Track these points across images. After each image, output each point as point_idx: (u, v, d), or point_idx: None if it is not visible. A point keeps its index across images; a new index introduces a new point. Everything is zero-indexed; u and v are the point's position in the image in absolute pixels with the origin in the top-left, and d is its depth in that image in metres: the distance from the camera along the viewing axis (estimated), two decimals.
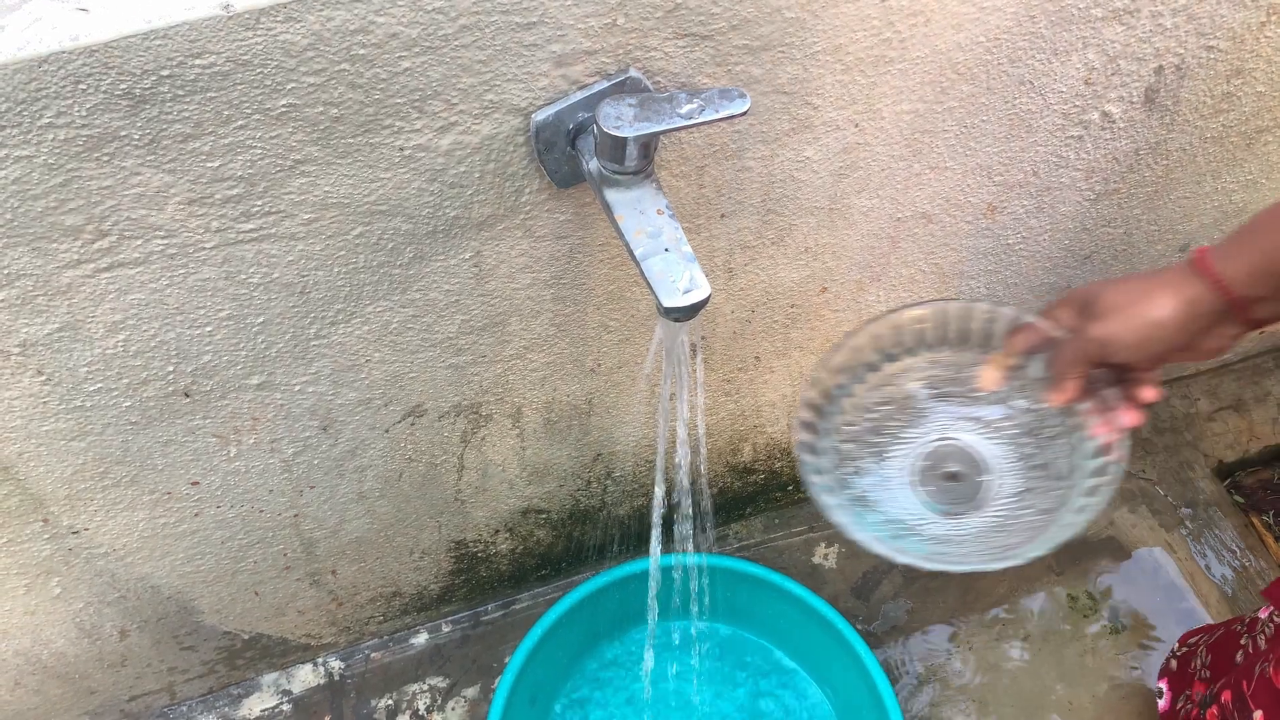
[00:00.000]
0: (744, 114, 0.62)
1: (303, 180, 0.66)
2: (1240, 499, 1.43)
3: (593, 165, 0.66)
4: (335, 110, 0.62)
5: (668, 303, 0.60)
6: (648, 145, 0.62)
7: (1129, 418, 0.69)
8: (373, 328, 0.79)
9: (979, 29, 0.76)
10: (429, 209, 0.71)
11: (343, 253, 0.72)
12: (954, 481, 0.75)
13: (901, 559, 0.64)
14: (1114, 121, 0.91)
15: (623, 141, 0.61)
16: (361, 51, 0.59)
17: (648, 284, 0.61)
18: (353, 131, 0.64)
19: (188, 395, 0.78)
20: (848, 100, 0.77)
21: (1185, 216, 1.10)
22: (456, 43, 0.61)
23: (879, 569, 1.32)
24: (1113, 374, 0.70)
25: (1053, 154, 0.92)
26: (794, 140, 0.79)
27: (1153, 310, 0.64)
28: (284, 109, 0.60)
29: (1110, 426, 0.69)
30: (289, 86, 0.59)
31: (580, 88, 0.67)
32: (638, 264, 0.62)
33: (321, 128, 0.63)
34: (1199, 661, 1.01)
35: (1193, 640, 1.09)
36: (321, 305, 0.75)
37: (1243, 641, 0.92)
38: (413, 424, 0.91)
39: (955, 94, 0.81)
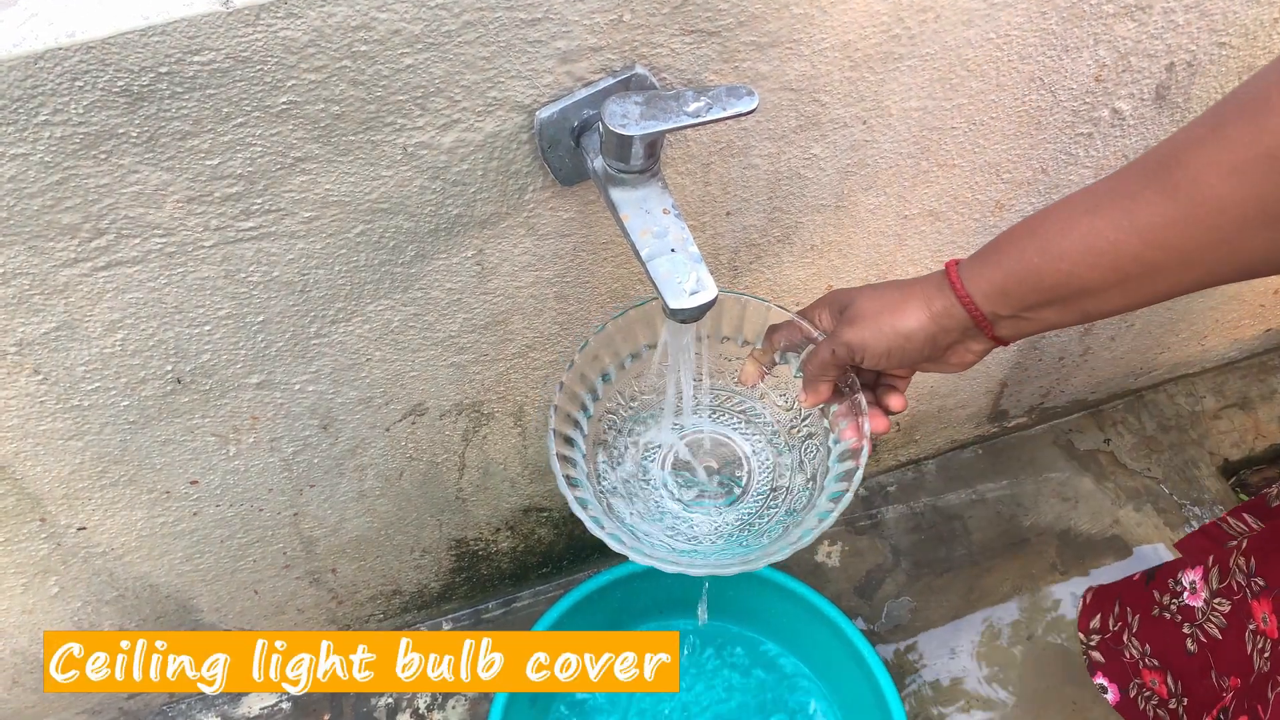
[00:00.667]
0: (751, 112, 0.61)
1: (303, 178, 0.65)
2: (1246, 497, 1.42)
3: (598, 163, 0.65)
4: (336, 107, 0.61)
5: (674, 304, 0.59)
6: (654, 144, 0.61)
7: (876, 424, 0.68)
8: (374, 326, 0.78)
9: (989, 25, 0.75)
10: (431, 207, 0.70)
11: (344, 251, 0.71)
12: (710, 475, 0.74)
13: (644, 561, 0.61)
14: (1124, 119, 0.90)
15: (628, 140, 0.60)
16: (363, 48, 0.58)
17: (653, 285, 0.60)
18: (354, 129, 0.63)
19: (187, 394, 0.77)
20: (856, 97, 0.76)
21: None
22: (460, 39, 0.60)
23: (882, 567, 1.31)
24: (867, 375, 0.70)
25: (1062, 151, 0.91)
26: (801, 137, 0.78)
27: (901, 321, 0.63)
28: (284, 106, 0.59)
29: (858, 432, 0.68)
30: (289, 83, 0.58)
31: (585, 85, 0.66)
32: (643, 264, 0.61)
33: (322, 125, 0.62)
34: (1136, 650, 0.99)
35: (1096, 624, 1.06)
36: (322, 304, 0.74)
37: (1186, 630, 0.90)
38: (414, 423, 0.90)
39: (964, 91, 0.80)
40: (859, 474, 0.65)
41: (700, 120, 0.60)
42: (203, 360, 0.75)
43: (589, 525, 0.61)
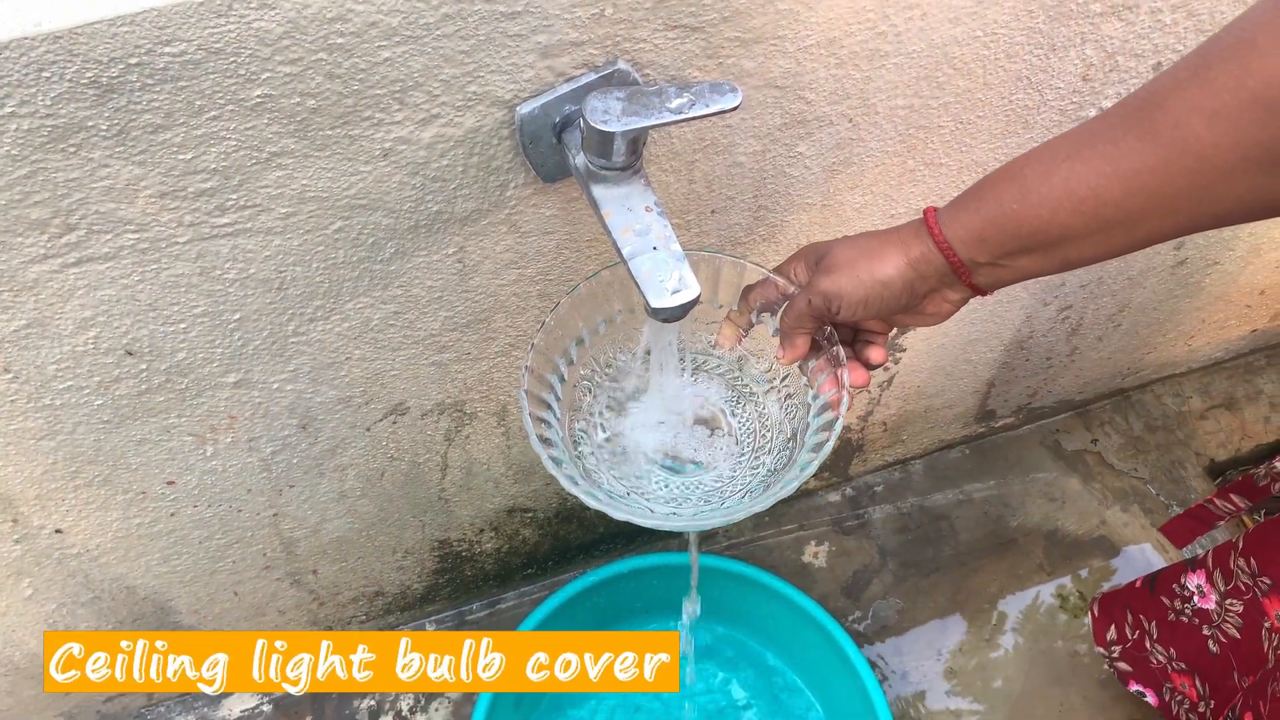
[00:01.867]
0: (735, 109, 0.60)
1: (279, 173, 0.63)
2: None
3: (579, 160, 0.64)
4: (313, 101, 0.60)
5: (656, 303, 0.58)
6: (636, 140, 0.60)
7: (855, 376, 0.66)
8: (353, 324, 0.77)
9: (976, 23, 0.74)
10: (411, 203, 0.69)
11: (321, 248, 0.70)
12: (692, 433, 0.73)
13: (621, 516, 0.59)
14: None
15: (610, 136, 0.59)
16: (339, 40, 0.57)
17: (635, 283, 0.59)
18: (331, 123, 0.62)
19: (162, 393, 0.76)
20: (841, 95, 0.76)
21: None
22: (438, 32, 0.59)
23: (869, 568, 1.31)
24: (845, 333, 0.68)
25: None
26: (786, 135, 0.77)
27: (878, 268, 0.62)
28: (259, 100, 0.58)
29: (837, 383, 0.66)
30: (264, 76, 0.57)
31: (567, 80, 0.65)
32: (625, 263, 0.60)
33: (298, 119, 0.60)
34: (1162, 656, 0.99)
35: (1113, 635, 1.06)
36: (300, 301, 0.73)
37: (1206, 632, 0.90)
38: (395, 422, 0.89)
39: (951, 89, 0.79)
40: (839, 423, 0.63)
41: (683, 117, 0.59)
42: (179, 359, 0.74)
43: (563, 482, 0.60)
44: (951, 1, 0.72)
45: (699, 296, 0.59)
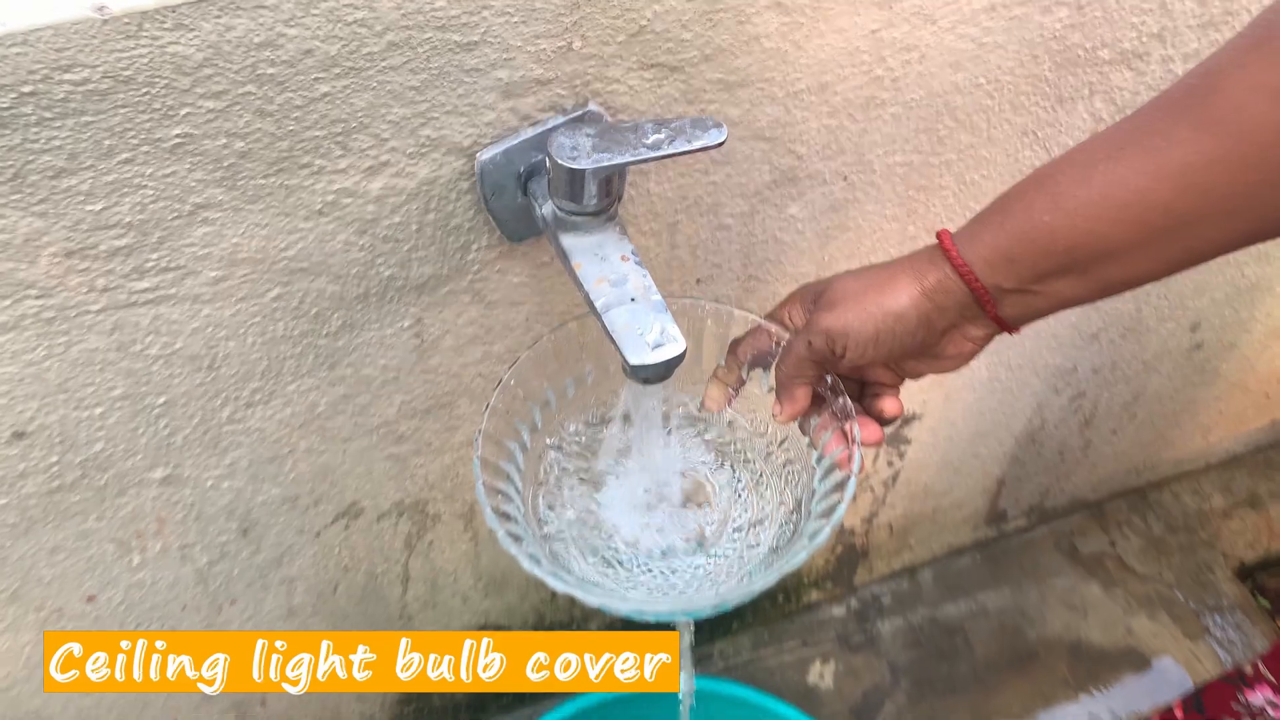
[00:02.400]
0: (720, 145, 0.53)
1: (206, 229, 0.56)
2: (1266, 602, 1.31)
3: (547, 209, 0.57)
4: (241, 143, 0.53)
5: (635, 360, 0.50)
6: (609, 181, 0.53)
7: (867, 432, 0.57)
8: (296, 410, 0.69)
9: (978, 68, 0.69)
10: (359, 267, 0.62)
11: (258, 319, 0.62)
12: (680, 512, 0.63)
13: (593, 601, 0.50)
14: None
15: (580, 175, 0.52)
16: (270, 70, 0.50)
17: (611, 340, 0.51)
18: (264, 170, 0.54)
19: (77, 491, 0.66)
20: (835, 149, 0.69)
21: (1196, 291, 1.02)
22: (384, 63, 0.52)
23: (880, 689, 1.19)
24: (851, 388, 0.59)
25: None
26: (776, 195, 0.71)
27: (889, 299, 0.53)
28: (179, 140, 0.51)
29: (845, 439, 0.57)
30: (183, 112, 0.50)
31: (532, 124, 0.58)
32: (599, 317, 0.52)
33: (226, 165, 0.53)
34: None
35: None
36: (235, 383, 0.65)
37: None
38: (348, 526, 0.80)
39: (953, 144, 0.73)
40: (851, 482, 0.54)
41: (662, 153, 0.52)
42: (95, 450, 0.65)
43: (524, 562, 0.50)
44: (951, 44, 0.66)
45: (684, 352, 0.51)
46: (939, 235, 0.53)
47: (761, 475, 0.63)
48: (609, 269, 0.53)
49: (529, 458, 0.59)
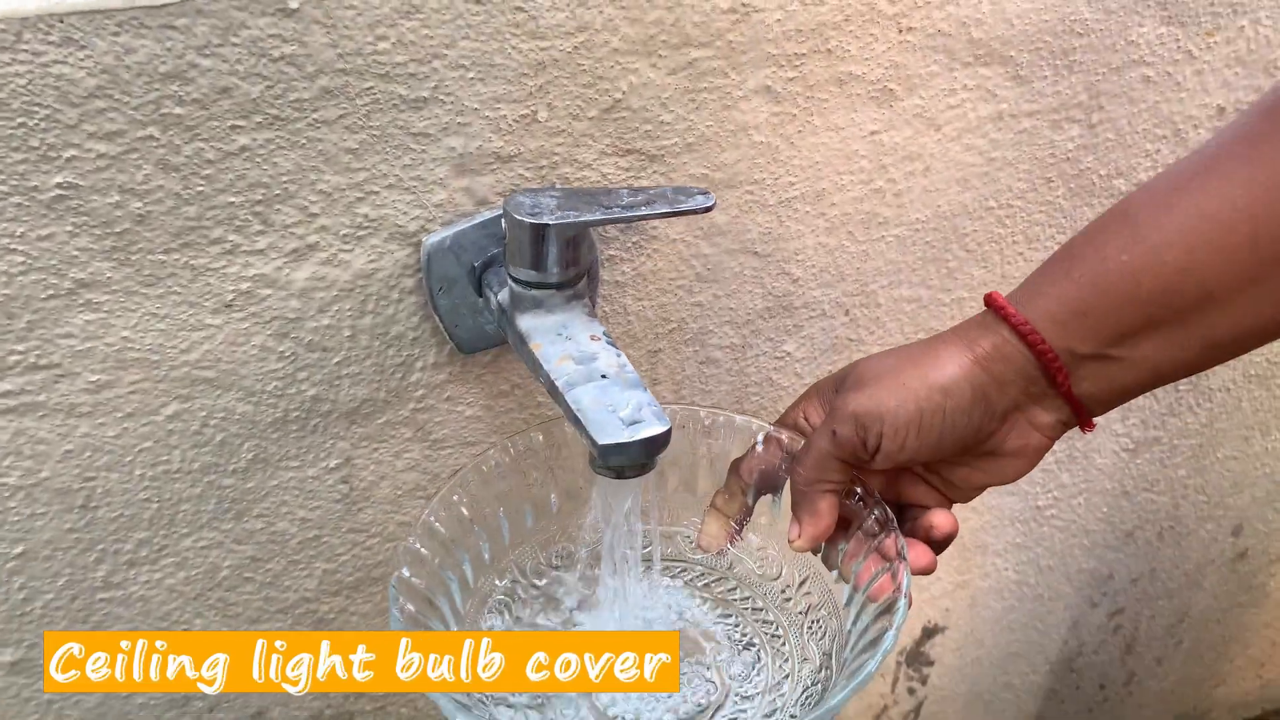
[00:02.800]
0: (708, 209, 0.45)
1: (89, 316, 0.46)
2: None
3: (503, 296, 0.48)
4: (138, 203, 0.44)
5: (605, 439, 0.39)
6: (576, 245, 0.45)
7: (916, 555, 0.44)
8: (192, 575, 0.56)
9: (988, 188, 0.63)
10: (278, 382, 0.51)
11: (149, 445, 0.51)
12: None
13: None
14: None
15: (542, 232, 0.43)
16: (177, 110, 0.43)
17: (576, 422, 0.41)
18: (165, 243, 0.46)
19: None
20: (835, 274, 0.62)
21: (1235, 486, 0.92)
22: (315, 114, 0.45)
23: None
24: (887, 505, 0.46)
25: None
26: (770, 327, 0.62)
27: (934, 370, 0.42)
28: (60, 192, 0.43)
29: (882, 559, 0.44)
30: (68, 154, 0.42)
31: (490, 208, 0.50)
32: (562, 401, 0.42)
33: (118, 230, 0.45)
34: None
35: None
36: (116, 531, 0.52)
37: None
38: None
39: (965, 280, 0.66)
40: (902, 606, 0.40)
41: (639, 214, 0.44)
42: None
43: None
44: (957, 156, 0.60)
45: (668, 433, 0.40)
46: (988, 298, 0.44)
47: (777, 628, 0.50)
48: (574, 347, 0.43)
49: (472, 602, 0.47)
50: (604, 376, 0.42)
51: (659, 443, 0.40)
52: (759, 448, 0.48)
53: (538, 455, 0.49)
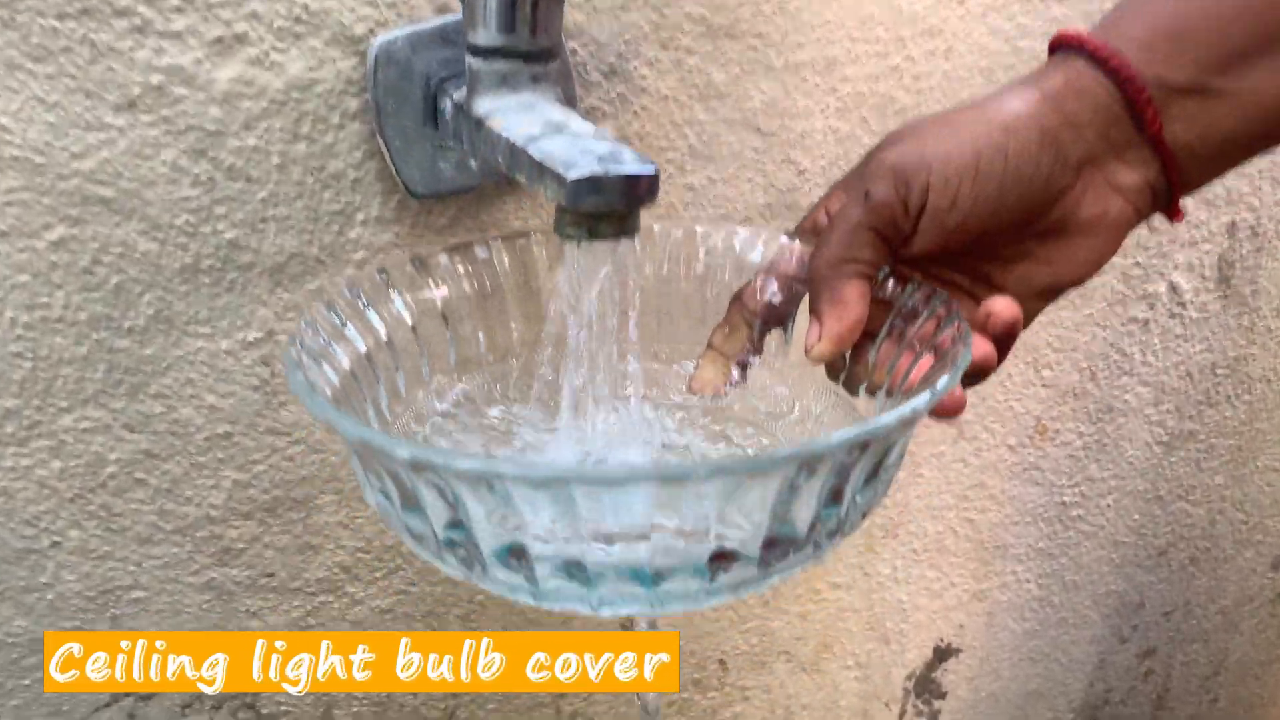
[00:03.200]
0: None
1: None
2: None
3: (460, 93, 0.40)
4: None
5: (576, 173, 0.31)
6: (550, 12, 0.37)
7: (976, 345, 0.34)
8: (70, 467, 0.46)
9: None
10: (189, 215, 0.43)
11: (25, 278, 0.42)
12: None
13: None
14: (1184, 305, 0.69)
15: None
16: None
17: (538, 172, 0.32)
18: (60, 5, 0.38)
19: None
20: (846, 169, 0.54)
21: (1276, 504, 0.83)
22: None
23: None
24: (927, 285, 0.37)
25: (1112, 345, 0.68)
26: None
27: (993, 110, 0.34)
28: None
29: (931, 368, 0.34)
30: None
31: (451, 14, 0.43)
32: (524, 160, 0.33)
33: None
34: None
35: None
36: None
37: None
38: (131, 717, 0.52)
39: None
40: (967, 352, 0.31)
41: None
42: None
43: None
44: (981, 40, 0.54)
45: (654, 179, 0.32)
46: (1057, 36, 0.36)
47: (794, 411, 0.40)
48: (541, 114, 0.35)
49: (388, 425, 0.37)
50: (576, 135, 0.33)
51: (642, 186, 0.31)
52: (768, 266, 0.40)
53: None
